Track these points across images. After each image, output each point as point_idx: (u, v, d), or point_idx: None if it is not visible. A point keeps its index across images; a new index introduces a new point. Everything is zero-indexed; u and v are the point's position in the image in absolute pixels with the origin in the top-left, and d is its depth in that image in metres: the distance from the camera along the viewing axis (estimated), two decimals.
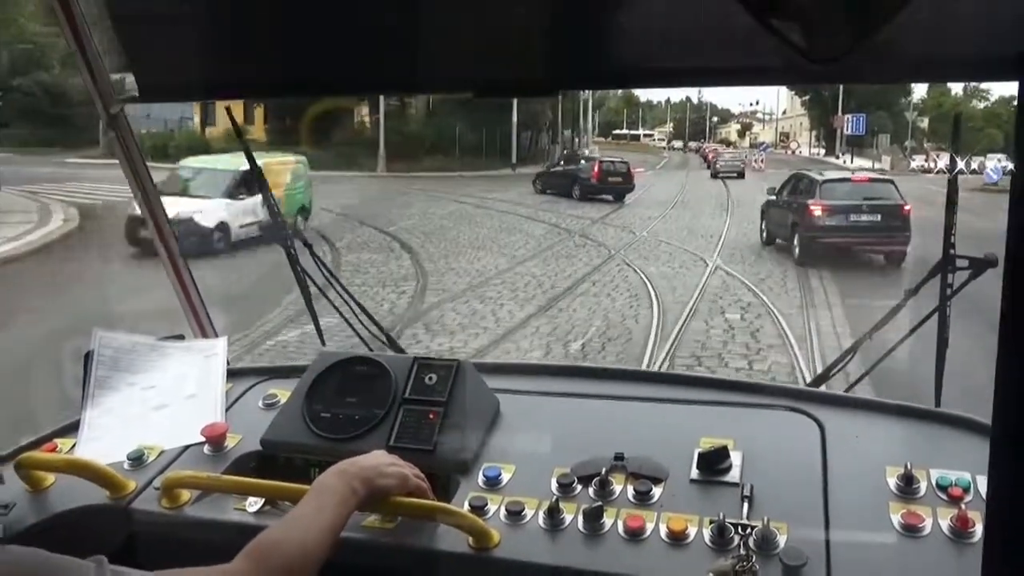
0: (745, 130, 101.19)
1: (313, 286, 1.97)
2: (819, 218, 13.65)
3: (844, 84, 36.28)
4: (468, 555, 1.25)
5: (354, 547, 1.26)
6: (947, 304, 1.61)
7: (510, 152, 37.20)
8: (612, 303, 10.29)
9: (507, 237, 16.39)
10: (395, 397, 1.53)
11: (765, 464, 1.38)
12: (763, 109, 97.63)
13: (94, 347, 1.66)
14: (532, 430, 1.56)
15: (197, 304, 1.92)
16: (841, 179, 15.52)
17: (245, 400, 1.74)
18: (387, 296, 10.60)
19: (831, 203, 13.78)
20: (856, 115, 47.79)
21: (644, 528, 1.26)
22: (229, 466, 1.51)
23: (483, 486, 1.39)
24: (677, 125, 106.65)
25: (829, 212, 13.69)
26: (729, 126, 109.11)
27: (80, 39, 1.57)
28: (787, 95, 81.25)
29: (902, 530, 1.22)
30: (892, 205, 13.74)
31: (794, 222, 14.13)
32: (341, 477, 1.19)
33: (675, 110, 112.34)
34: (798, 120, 75.16)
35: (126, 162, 1.73)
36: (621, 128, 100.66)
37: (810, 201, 13.96)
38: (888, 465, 1.34)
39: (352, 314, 1.95)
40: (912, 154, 43.12)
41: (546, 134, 44.64)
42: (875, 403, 1.56)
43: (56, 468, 1.45)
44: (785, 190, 15.90)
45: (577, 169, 26.83)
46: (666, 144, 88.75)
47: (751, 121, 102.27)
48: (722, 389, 1.67)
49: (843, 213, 13.62)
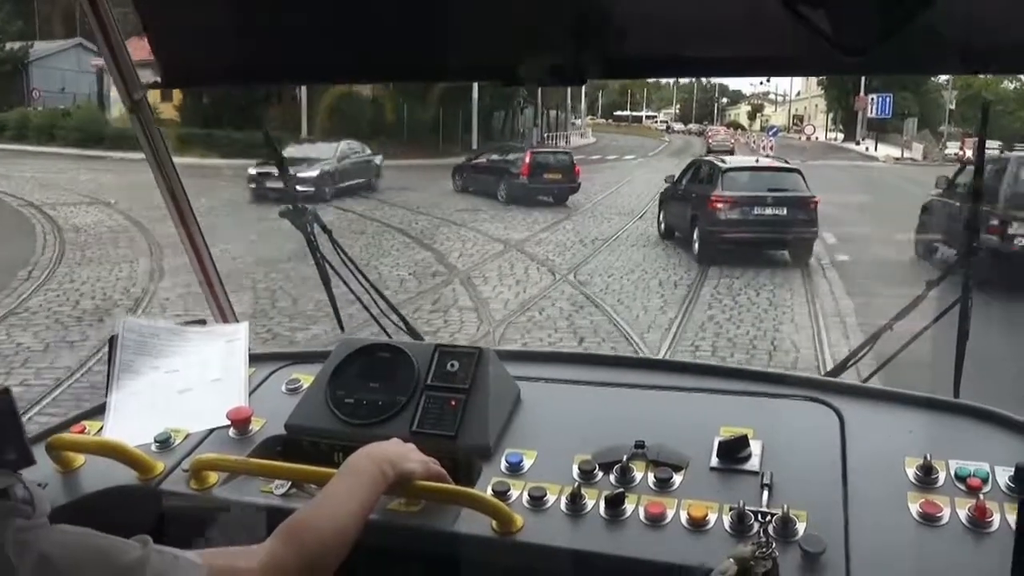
0: (756, 112, 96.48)
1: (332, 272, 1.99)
2: (721, 211, 12.47)
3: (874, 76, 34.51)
4: (492, 539, 1.27)
5: (379, 529, 1.28)
6: (969, 295, 1.61)
7: (473, 135, 31.36)
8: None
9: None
10: (417, 383, 1.54)
11: (785, 453, 1.39)
12: (775, 90, 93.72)
13: (118, 331, 1.69)
14: (553, 417, 1.57)
15: (218, 289, 1.93)
16: (745, 167, 14.22)
17: (268, 385, 1.76)
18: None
19: (734, 195, 12.61)
20: (882, 95, 41.22)
21: (665, 514, 1.27)
22: (254, 449, 1.53)
23: (505, 472, 1.41)
24: (684, 107, 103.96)
25: (731, 205, 12.51)
26: (739, 108, 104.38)
27: (103, 23, 1.57)
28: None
29: (920, 519, 1.23)
30: (799, 197, 12.67)
31: (694, 215, 12.96)
32: (371, 460, 1.21)
33: (683, 91, 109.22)
34: (813, 102, 70.35)
35: (149, 148, 1.73)
36: (624, 109, 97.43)
37: (712, 193, 12.69)
38: (907, 455, 1.35)
39: (371, 301, 1.97)
40: (946, 141, 38.41)
41: (520, 114, 39.47)
42: (894, 394, 1.57)
43: (87, 449, 1.48)
44: (685, 178, 14.62)
45: (504, 162, 20.18)
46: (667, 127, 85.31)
47: (762, 103, 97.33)
48: (742, 379, 1.68)
49: (746, 206, 12.50)
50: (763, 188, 12.84)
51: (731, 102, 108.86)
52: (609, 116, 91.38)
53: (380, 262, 11.60)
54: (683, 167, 15.60)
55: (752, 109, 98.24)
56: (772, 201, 12.55)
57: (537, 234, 14.66)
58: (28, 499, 0.85)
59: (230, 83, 1.55)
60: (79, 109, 31.76)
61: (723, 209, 12.49)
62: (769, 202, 12.55)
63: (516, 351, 1.88)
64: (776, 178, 13.51)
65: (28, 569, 0.78)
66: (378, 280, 8.11)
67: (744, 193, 12.66)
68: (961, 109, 43.46)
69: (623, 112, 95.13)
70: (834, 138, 55.14)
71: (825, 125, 58.97)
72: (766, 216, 12.52)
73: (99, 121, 29.54)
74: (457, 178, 21.54)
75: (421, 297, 9.68)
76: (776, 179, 13.46)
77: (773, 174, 13.84)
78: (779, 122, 73.38)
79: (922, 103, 46.98)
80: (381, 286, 2.11)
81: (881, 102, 40.95)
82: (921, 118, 43.17)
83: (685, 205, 13.60)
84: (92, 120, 30.05)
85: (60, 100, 33.46)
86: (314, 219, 1.96)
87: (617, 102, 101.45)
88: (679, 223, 13.79)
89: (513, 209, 17.89)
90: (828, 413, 1.50)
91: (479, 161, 21.91)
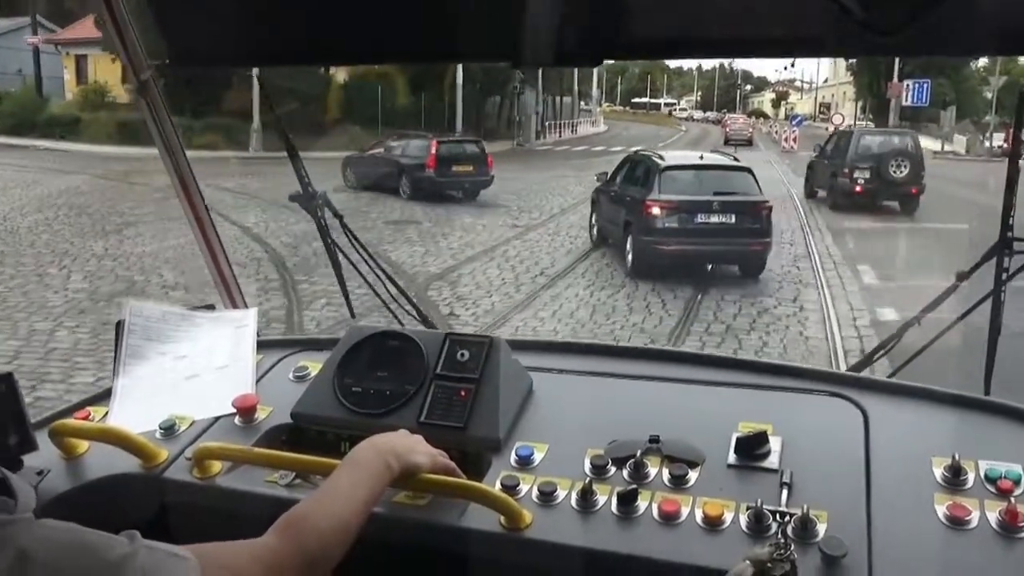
0: (780, 100, 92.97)
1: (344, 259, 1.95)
2: (658, 218, 10.58)
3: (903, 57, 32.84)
4: (500, 535, 1.23)
5: (385, 523, 1.25)
6: (1002, 289, 1.55)
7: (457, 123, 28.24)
8: None
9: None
10: (426, 373, 1.51)
11: (805, 450, 1.34)
12: (801, 77, 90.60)
13: (125, 316, 1.66)
14: (565, 409, 1.53)
15: (228, 274, 1.91)
16: (687, 165, 11.88)
17: (275, 372, 1.73)
18: None
19: (673, 199, 10.65)
20: (919, 81, 35.63)
21: (679, 512, 1.23)
22: (260, 438, 1.51)
23: (515, 465, 1.37)
24: (705, 94, 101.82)
25: (670, 211, 10.59)
26: (763, 95, 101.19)
27: (110, 3, 1.55)
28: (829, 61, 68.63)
29: (947, 522, 1.17)
30: (750, 202, 10.80)
31: (628, 221, 11.07)
32: (376, 452, 1.17)
33: (704, 78, 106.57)
34: (841, 89, 66.06)
35: (157, 132, 1.71)
36: (644, 96, 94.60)
37: (648, 196, 10.76)
38: (934, 455, 1.29)
39: (383, 288, 1.93)
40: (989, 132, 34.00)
41: (517, 100, 34.31)
42: (921, 390, 1.51)
43: (90, 436, 1.46)
44: (619, 176, 12.52)
45: (404, 155, 17.78)
46: (688, 116, 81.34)
47: (787, 90, 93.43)
48: (762, 372, 1.62)
49: (689, 213, 10.60)
50: (708, 191, 10.89)
51: (755, 89, 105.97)
52: (627, 103, 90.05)
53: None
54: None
55: (776, 96, 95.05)
56: (718, 207, 10.64)
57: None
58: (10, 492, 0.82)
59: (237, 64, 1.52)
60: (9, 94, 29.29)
61: (660, 216, 10.60)
62: (715, 208, 10.64)
63: (528, 340, 1.83)
64: (724, 179, 11.45)
65: (5, 565, 0.75)
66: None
67: (686, 197, 10.75)
68: (1001, 97, 39.04)
69: (641, 99, 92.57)
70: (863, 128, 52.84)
71: (854, 114, 54.05)
72: (711, 225, 10.63)
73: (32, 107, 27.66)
74: (348, 172, 18.23)
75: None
76: (724, 180, 11.39)
77: (720, 174, 11.70)
78: (805, 110, 70.03)
79: (959, 91, 42.90)
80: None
81: (918, 89, 35.64)
82: (958, 107, 38.59)
83: (619, 209, 11.70)
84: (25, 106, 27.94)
85: (14, 83, 30.45)
86: (325, 204, 1.93)
87: (636, 89, 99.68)
88: (612, 229, 11.91)
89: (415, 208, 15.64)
90: (851, 409, 1.45)
91: (376, 152, 18.95)
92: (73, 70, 31.03)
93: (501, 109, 35.67)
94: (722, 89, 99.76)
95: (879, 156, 15.88)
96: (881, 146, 16.49)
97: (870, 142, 16.90)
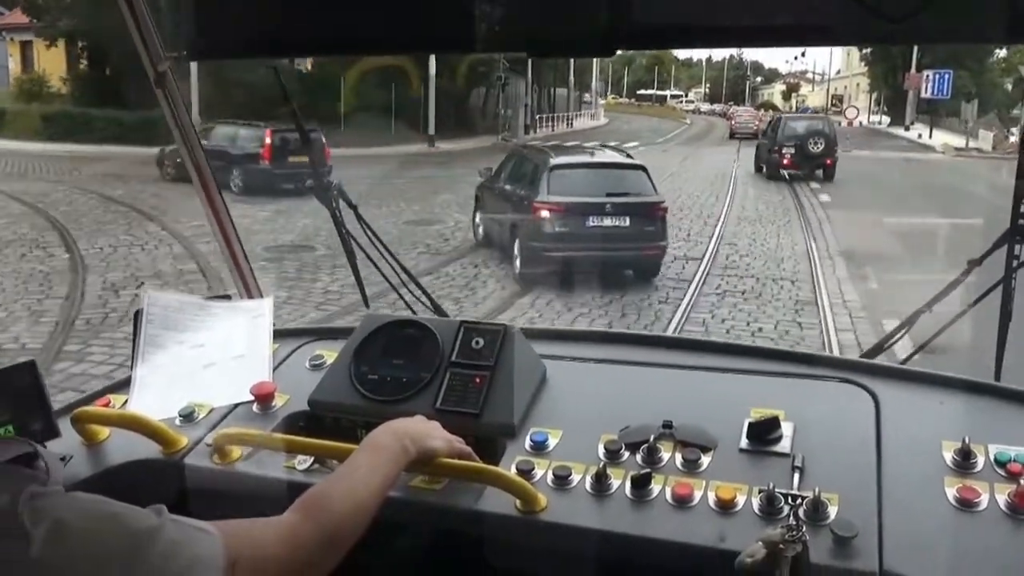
0: (791, 92, 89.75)
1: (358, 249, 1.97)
2: (547, 222, 9.79)
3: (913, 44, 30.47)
4: (516, 518, 1.25)
5: (402, 506, 1.27)
6: (1012, 275, 1.55)
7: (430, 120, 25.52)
8: None
9: None
10: (442, 360, 1.53)
11: (817, 436, 1.35)
12: (812, 68, 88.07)
13: (143, 306, 1.69)
14: (579, 396, 1.54)
15: (243, 264, 1.93)
16: (578, 164, 11.13)
17: (292, 361, 1.75)
18: None
19: (563, 200, 9.85)
20: (940, 72, 33.53)
21: (692, 496, 1.24)
22: (278, 425, 1.53)
23: (530, 451, 1.39)
24: (714, 86, 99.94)
25: (560, 214, 9.81)
26: (773, 87, 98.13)
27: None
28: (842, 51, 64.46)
29: (957, 505, 1.19)
30: (644, 203, 10.09)
31: (514, 223, 10.32)
32: (394, 435, 1.19)
33: (713, 69, 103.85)
34: (854, 81, 63.38)
35: (174, 121, 1.73)
36: (651, 88, 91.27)
37: (536, 199, 9.96)
38: (944, 439, 1.30)
39: (396, 277, 1.95)
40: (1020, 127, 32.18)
41: (502, 92, 31.64)
42: (932, 376, 1.51)
43: (111, 422, 1.48)
44: (503, 174, 11.66)
45: (235, 145, 16.05)
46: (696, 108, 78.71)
47: (799, 82, 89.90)
48: (773, 359, 1.63)
49: (579, 215, 9.83)
50: (601, 192, 10.06)
51: (765, 81, 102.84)
52: (634, 95, 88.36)
53: None
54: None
55: (787, 88, 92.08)
56: (612, 209, 9.87)
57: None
58: (43, 466, 0.85)
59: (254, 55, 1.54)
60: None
61: (549, 219, 9.82)
62: (608, 210, 9.86)
63: (543, 329, 1.85)
64: (617, 178, 10.58)
65: (42, 535, 0.78)
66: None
67: (576, 199, 9.93)
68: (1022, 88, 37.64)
69: (647, 91, 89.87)
70: (877, 122, 47.93)
71: (868, 107, 51.38)
72: (604, 228, 9.86)
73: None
74: (167, 165, 16.22)
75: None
76: (617, 179, 10.54)
77: (613, 172, 10.86)
78: (817, 103, 67.23)
79: (979, 83, 40.47)
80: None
81: (938, 80, 33.58)
82: (980, 100, 36.15)
83: (505, 208, 10.96)
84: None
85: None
86: (339, 194, 1.94)
87: (644, 80, 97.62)
88: (498, 231, 11.14)
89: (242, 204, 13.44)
90: (862, 395, 1.46)
91: (203, 142, 16.85)
92: (19, 58, 28.02)
93: (486, 102, 32.43)
94: (731, 81, 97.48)
95: (802, 136, 19.58)
96: (804, 128, 20.41)
97: (795, 125, 20.86)
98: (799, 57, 76.87)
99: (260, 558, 0.94)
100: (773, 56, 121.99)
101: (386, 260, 1.96)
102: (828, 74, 73.92)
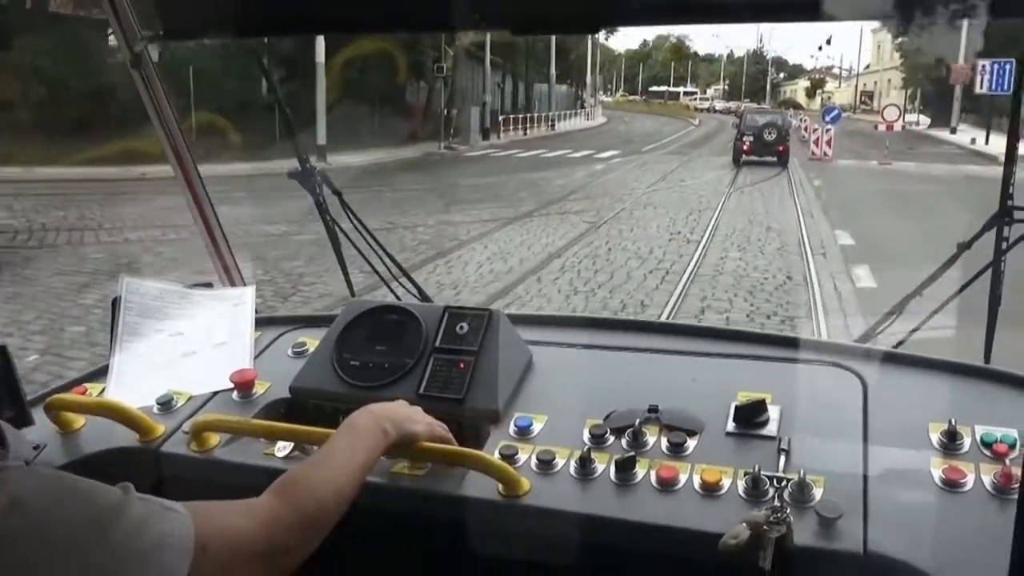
0: (816, 88, 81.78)
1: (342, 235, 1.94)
2: None
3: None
4: (498, 502, 1.23)
5: (384, 492, 1.25)
6: (1002, 258, 1.54)
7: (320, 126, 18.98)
8: None
9: None
10: (425, 346, 1.50)
11: (804, 418, 1.33)
12: (839, 63, 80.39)
13: (121, 293, 1.66)
14: (565, 381, 1.52)
15: (225, 252, 1.90)
16: None
17: (274, 348, 1.72)
18: None
19: None
20: (998, 62, 25.37)
21: (677, 479, 1.23)
22: (258, 412, 1.50)
23: (514, 436, 1.37)
24: (734, 81, 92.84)
25: None
26: (796, 83, 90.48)
27: None
28: (872, 42, 58.03)
29: (943, 485, 1.18)
30: None
31: None
32: (373, 418, 1.17)
33: (733, 63, 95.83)
34: (885, 76, 56.27)
35: (151, 104, 1.69)
36: (667, 85, 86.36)
37: None
38: (931, 421, 1.29)
39: (381, 263, 1.92)
40: None
41: (445, 87, 25.62)
42: (921, 359, 1.50)
43: (86, 410, 1.45)
44: None
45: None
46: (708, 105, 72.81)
47: (824, 77, 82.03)
48: (762, 343, 1.62)
49: None
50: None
51: (788, 77, 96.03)
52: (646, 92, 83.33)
53: None
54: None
55: (812, 85, 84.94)
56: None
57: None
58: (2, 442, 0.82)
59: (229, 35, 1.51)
60: None
61: None
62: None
63: (528, 315, 1.83)
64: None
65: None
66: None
67: None
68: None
69: (658, 88, 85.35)
70: (915, 122, 39.22)
71: (903, 105, 38.85)
72: None
73: None
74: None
75: None
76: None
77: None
78: (844, 100, 59.69)
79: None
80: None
81: (997, 72, 25.74)
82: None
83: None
84: None
85: None
86: (323, 181, 1.92)
87: (661, 76, 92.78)
88: None
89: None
90: (851, 378, 1.44)
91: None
92: None
93: (430, 99, 25.75)
94: (751, 76, 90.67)
95: (760, 127, 22.84)
96: (762, 120, 23.55)
97: (756, 118, 24.17)
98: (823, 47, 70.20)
99: (233, 540, 0.91)
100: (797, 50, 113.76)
101: (371, 247, 1.94)
102: (857, 68, 65.39)
